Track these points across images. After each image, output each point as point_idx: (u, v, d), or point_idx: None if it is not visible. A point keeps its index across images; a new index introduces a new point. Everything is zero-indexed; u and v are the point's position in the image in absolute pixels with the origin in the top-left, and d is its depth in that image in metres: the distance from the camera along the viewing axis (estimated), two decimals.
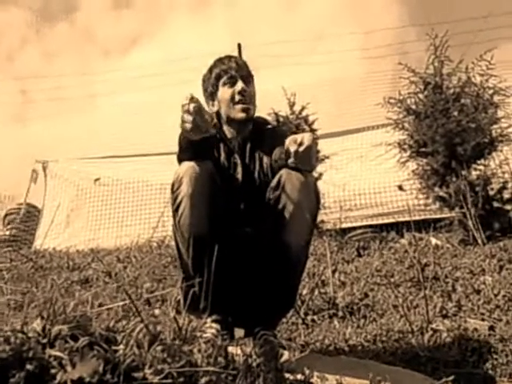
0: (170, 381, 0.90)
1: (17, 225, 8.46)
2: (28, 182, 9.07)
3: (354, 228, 6.55)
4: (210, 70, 2.09)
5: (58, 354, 0.92)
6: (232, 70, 2.03)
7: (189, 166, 1.78)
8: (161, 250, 5.46)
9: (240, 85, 2.00)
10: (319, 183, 5.98)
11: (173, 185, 1.81)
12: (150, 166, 8.24)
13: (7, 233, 8.55)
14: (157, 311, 2.96)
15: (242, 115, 2.01)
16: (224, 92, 2.03)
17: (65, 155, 9.20)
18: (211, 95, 2.09)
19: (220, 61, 2.09)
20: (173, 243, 2.05)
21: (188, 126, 1.67)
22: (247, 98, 2.01)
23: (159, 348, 1.01)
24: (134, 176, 8.45)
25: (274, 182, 1.83)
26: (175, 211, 1.82)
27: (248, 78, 2.05)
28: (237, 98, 2.00)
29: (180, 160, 1.85)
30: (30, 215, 8.76)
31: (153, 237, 6.26)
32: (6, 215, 8.93)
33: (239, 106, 2.01)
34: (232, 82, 2.02)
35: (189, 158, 1.80)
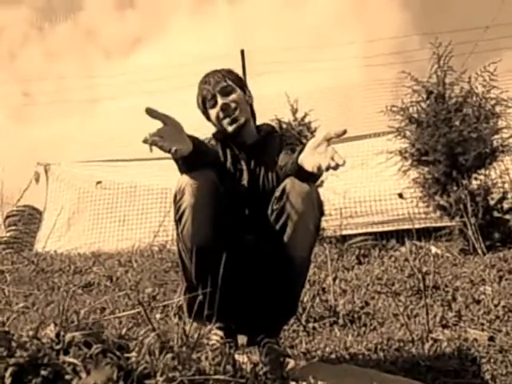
0: None
1: (18, 227, 8.48)
2: (29, 183, 9.09)
3: (355, 235, 6.56)
4: (197, 98, 2.14)
5: (73, 360, 0.94)
6: (210, 92, 2.06)
7: (191, 175, 1.79)
8: (162, 255, 5.48)
9: (220, 102, 2.04)
10: (320, 190, 6.01)
11: (175, 195, 1.82)
12: (152, 171, 8.26)
13: (8, 235, 8.57)
14: (158, 316, 2.99)
15: (232, 128, 2.05)
16: (211, 113, 2.09)
17: (67, 158, 9.22)
18: (207, 119, 2.15)
19: (200, 85, 2.12)
20: (174, 248, 2.06)
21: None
22: (231, 110, 2.04)
23: (169, 356, 1.03)
24: (136, 180, 8.47)
25: (278, 192, 1.84)
26: (178, 221, 1.83)
27: (228, 88, 2.07)
28: (221, 115, 2.05)
29: (181, 173, 1.87)
30: (32, 217, 8.78)
31: (154, 241, 6.28)
32: (7, 217, 8.95)
33: (226, 121, 2.05)
34: (214, 102, 2.06)
35: (188, 170, 1.81)
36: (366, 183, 7.60)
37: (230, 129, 2.05)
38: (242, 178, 2.03)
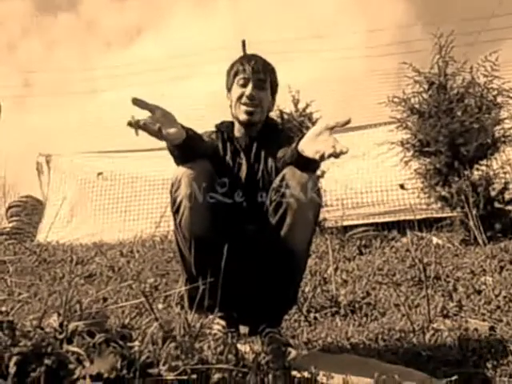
0: (184, 377, 0.93)
1: (21, 217, 8.50)
2: (32, 174, 9.11)
3: (356, 226, 6.57)
4: (232, 65, 2.12)
5: (76, 349, 0.95)
6: (248, 73, 2.04)
7: (186, 167, 1.79)
8: (164, 245, 5.50)
9: (250, 89, 2.03)
10: (321, 180, 6.02)
11: (172, 186, 1.82)
12: (153, 161, 8.26)
13: (10, 225, 8.59)
14: (160, 306, 2.99)
15: (244, 117, 2.05)
16: (235, 90, 2.07)
17: (68, 149, 9.23)
18: (228, 89, 2.13)
19: (242, 58, 2.12)
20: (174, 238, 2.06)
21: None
22: (254, 103, 2.03)
23: (172, 345, 1.04)
24: (137, 171, 8.47)
25: (276, 182, 1.84)
26: (175, 213, 1.83)
27: (262, 84, 2.06)
28: (243, 99, 2.04)
29: (177, 165, 1.86)
30: (34, 208, 8.80)
31: (156, 232, 6.30)
32: (10, 207, 8.97)
33: (243, 108, 2.04)
34: (244, 84, 2.05)
35: (183, 161, 1.81)
36: (368, 174, 7.60)
37: (241, 117, 2.05)
38: (240, 170, 2.03)
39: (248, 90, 2.03)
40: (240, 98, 2.04)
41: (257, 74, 2.05)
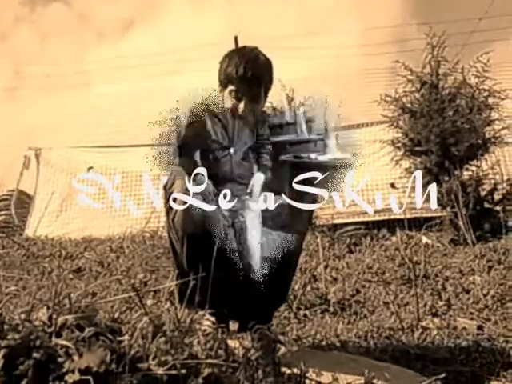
0: (173, 372, 0.93)
1: (9, 211, 8.44)
2: (20, 168, 9.03)
3: (346, 224, 6.59)
4: (227, 66, 1.97)
5: (65, 343, 0.94)
6: (240, 91, 1.95)
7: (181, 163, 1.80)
8: (154, 241, 5.48)
9: (242, 107, 1.96)
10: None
11: (166, 183, 1.83)
12: (144, 157, 8.21)
13: None
14: (149, 302, 2.98)
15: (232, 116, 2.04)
16: (228, 100, 1.99)
17: (58, 143, 9.16)
18: (220, 86, 2.03)
19: (239, 64, 1.94)
20: (165, 234, 2.05)
21: None
22: (247, 118, 2.01)
23: (162, 340, 1.04)
24: (128, 166, 8.42)
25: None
26: (169, 209, 1.84)
27: (256, 98, 1.97)
28: (236, 115, 2.01)
29: (174, 157, 1.85)
30: (22, 202, 8.74)
31: (146, 227, 6.28)
32: None
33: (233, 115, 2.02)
34: (238, 98, 1.97)
35: (179, 155, 1.82)
36: (359, 172, 7.60)
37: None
38: (230, 146, 2.03)
39: (241, 107, 1.96)
40: (232, 111, 1.99)
41: (251, 90, 1.95)
